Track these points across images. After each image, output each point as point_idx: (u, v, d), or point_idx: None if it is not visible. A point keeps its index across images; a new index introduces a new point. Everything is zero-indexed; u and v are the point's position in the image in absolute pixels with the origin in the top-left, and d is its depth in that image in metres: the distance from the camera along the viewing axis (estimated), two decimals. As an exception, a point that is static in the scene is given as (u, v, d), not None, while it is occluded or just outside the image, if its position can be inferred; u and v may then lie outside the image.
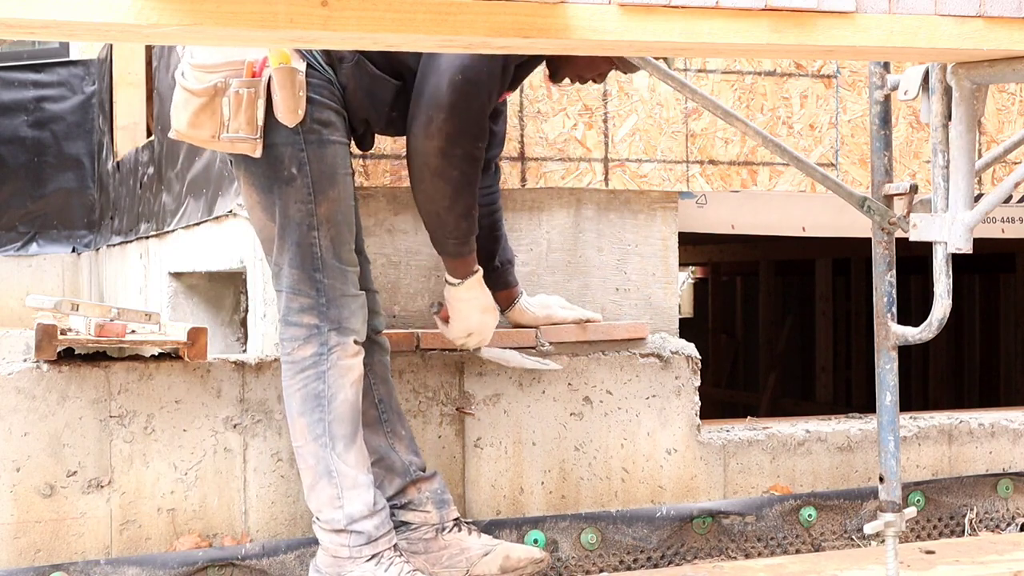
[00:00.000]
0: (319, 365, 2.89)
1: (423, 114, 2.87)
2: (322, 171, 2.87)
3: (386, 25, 1.83)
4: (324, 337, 2.89)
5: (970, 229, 2.50)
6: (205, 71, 2.83)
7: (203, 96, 2.83)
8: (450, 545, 3.12)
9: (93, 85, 7.78)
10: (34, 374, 3.07)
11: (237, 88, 2.80)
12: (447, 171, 2.90)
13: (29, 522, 3.07)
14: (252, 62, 2.80)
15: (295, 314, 2.90)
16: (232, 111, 2.81)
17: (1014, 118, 4.08)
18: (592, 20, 1.94)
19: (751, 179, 3.81)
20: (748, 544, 3.58)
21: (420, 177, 2.93)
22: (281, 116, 2.81)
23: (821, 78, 3.87)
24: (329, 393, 2.89)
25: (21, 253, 7.84)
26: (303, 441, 2.92)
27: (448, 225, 2.99)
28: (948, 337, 8.54)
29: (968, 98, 2.46)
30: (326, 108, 2.88)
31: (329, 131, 2.89)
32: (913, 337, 2.69)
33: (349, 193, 2.94)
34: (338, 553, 2.92)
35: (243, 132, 2.82)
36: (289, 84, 2.79)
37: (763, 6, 2.02)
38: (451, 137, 2.87)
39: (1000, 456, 3.97)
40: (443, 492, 3.15)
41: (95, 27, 1.77)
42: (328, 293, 2.89)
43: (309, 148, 2.85)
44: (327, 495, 2.91)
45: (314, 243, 2.88)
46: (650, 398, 3.59)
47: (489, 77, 2.89)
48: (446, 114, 2.85)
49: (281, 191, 2.86)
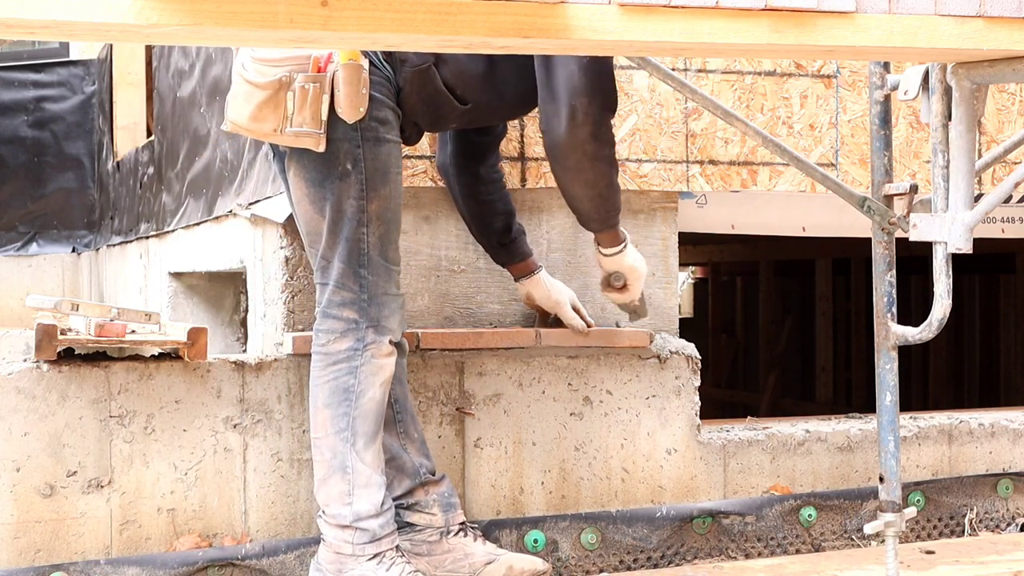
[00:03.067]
0: (353, 360, 2.90)
1: (565, 107, 2.91)
2: (376, 168, 2.89)
3: (386, 25, 1.84)
4: (362, 333, 2.90)
5: (970, 229, 2.50)
6: (269, 65, 2.84)
7: (268, 89, 2.83)
8: (454, 549, 3.12)
9: (93, 85, 7.78)
10: (34, 374, 3.07)
11: (303, 83, 2.81)
12: (602, 150, 2.98)
13: (29, 522, 3.07)
14: (318, 57, 2.82)
15: (336, 307, 2.91)
16: (297, 105, 2.82)
17: (1014, 118, 4.08)
18: (592, 20, 1.94)
19: (751, 179, 3.81)
20: (748, 544, 3.58)
21: (580, 167, 2.98)
22: (343, 112, 2.82)
23: (821, 78, 3.87)
24: (359, 389, 2.90)
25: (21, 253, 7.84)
26: (323, 433, 2.92)
27: (610, 201, 3.09)
28: (948, 337, 8.54)
29: (968, 98, 2.46)
30: (384, 106, 2.90)
31: (385, 129, 2.91)
32: (913, 337, 2.69)
33: (399, 192, 2.97)
34: (341, 549, 2.92)
35: (307, 126, 2.83)
36: (355, 81, 2.81)
37: (763, 6, 2.02)
38: (597, 119, 2.93)
39: (1000, 456, 3.97)
40: (450, 496, 3.15)
41: (95, 27, 1.77)
42: (371, 290, 2.90)
43: (365, 145, 2.88)
44: (338, 491, 2.91)
45: (362, 239, 2.90)
46: (650, 398, 3.59)
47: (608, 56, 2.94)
48: (587, 97, 2.90)
49: (334, 186, 2.88)
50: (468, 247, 3.53)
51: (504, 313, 3.57)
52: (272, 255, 3.43)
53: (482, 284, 3.55)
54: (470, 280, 3.52)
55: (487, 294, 3.56)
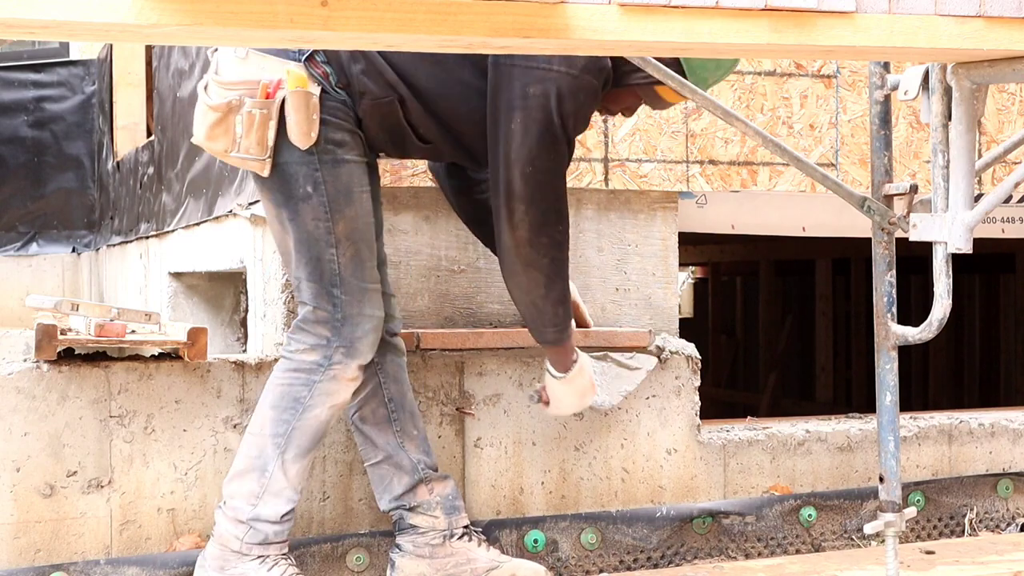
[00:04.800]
0: (313, 374, 2.89)
1: (504, 207, 2.86)
2: (338, 190, 2.87)
3: (386, 25, 1.83)
4: (331, 352, 2.88)
5: (970, 229, 2.50)
6: (224, 87, 2.84)
7: (218, 111, 2.84)
8: (456, 553, 3.10)
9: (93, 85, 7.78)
10: (34, 374, 3.07)
11: (250, 108, 2.81)
12: (537, 260, 2.89)
13: (29, 522, 3.07)
14: (267, 83, 2.81)
15: (310, 324, 2.91)
16: (244, 130, 2.82)
17: (1014, 118, 4.08)
18: (592, 20, 1.94)
19: (751, 179, 3.81)
20: (748, 544, 3.58)
21: (513, 270, 2.92)
22: (295, 139, 2.81)
23: (821, 78, 3.87)
24: (308, 403, 2.88)
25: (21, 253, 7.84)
26: (258, 431, 2.91)
27: (547, 314, 2.97)
28: (948, 337, 8.54)
29: (968, 98, 2.46)
30: (340, 129, 2.88)
31: (344, 151, 2.88)
32: (913, 337, 2.69)
33: (367, 211, 2.94)
34: (228, 544, 2.89)
35: (253, 152, 2.83)
36: (303, 108, 2.80)
37: (763, 6, 2.02)
38: (535, 227, 2.86)
39: (1000, 456, 3.97)
40: (455, 498, 3.14)
41: (95, 27, 1.77)
42: (345, 310, 2.89)
43: (324, 168, 2.86)
44: (248, 489, 2.89)
45: (333, 260, 2.88)
46: (650, 398, 3.59)
47: (560, 159, 2.89)
48: (525, 205, 2.84)
49: (297, 207, 2.87)
50: (468, 247, 3.54)
51: (504, 313, 3.57)
52: (272, 255, 3.43)
53: (482, 284, 3.55)
54: (470, 280, 3.52)
55: (487, 294, 3.56)
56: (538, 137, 2.81)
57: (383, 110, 2.90)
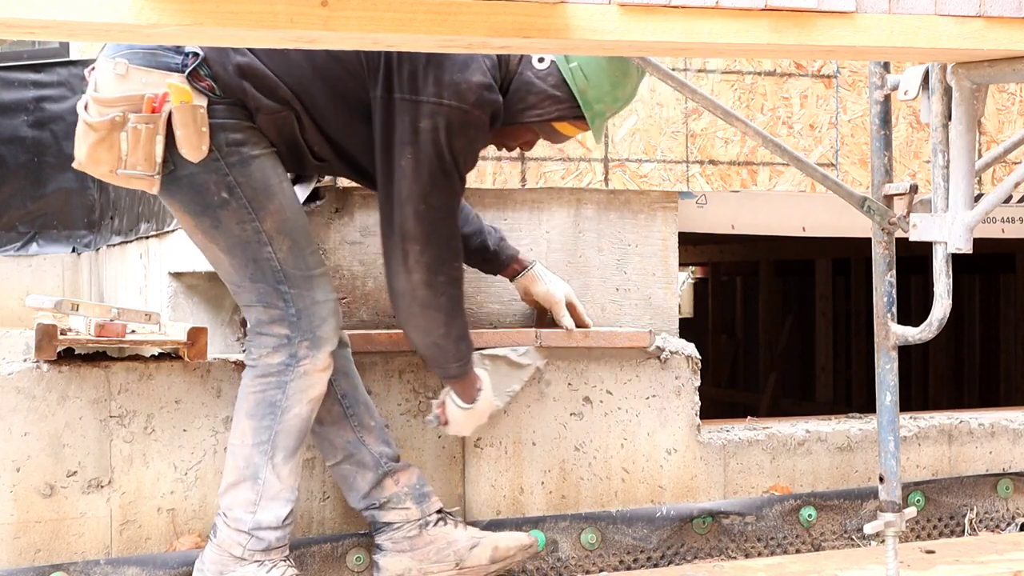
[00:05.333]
0: (283, 375, 2.86)
1: (397, 250, 2.82)
2: (255, 188, 2.81)
3: (386, 25, 1.83)
4: (294, 348, 2.86)
5: (970, 229, 2.50)
6: (105, 105, 2.76)
7: (101, 131, 2.76)
8: (436, 539, 3.10)
9: (93, 85, 7.76)
10: (34, 374, 3.07)
11: (135, 123, 2.73)
12: (435, 300, 2.86)
13: (29, 522, 3.07)
14: (152, 97, 2.73)
15: (265, 325, 2.88)
16: (130, 146, 2.75)
17: (1014, 118, 4.08)
18: (592, 20, 1.94)
19: (751, 179, 3.81)
20: (748, 544, 3.58)
21: (411, 312, 2.88)
22: (186, 153, 2.75)
23: (821, 78, 3.87)
24: (285, 404, 2.86)
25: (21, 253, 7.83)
26: (240, 442, 2.89)
27: (449, 352, 2.96)
28: (948, 337, 8.54)
29: (968, 98, 2.46)
30: (238, 129, 2.81)
31: (248, 147, 2.82)
32: (913, 337, 2.69)
33: (291, 198, 2.88)
34: (231, 550, 2.89)
35: (140, 168, 2.76)
36: (191, 122, 2.73)
37: (763, 6, 2.02)
38: (432, 266, 2.83)
39: (1000, 456, 3.97)
40: (422, 485, 3.13)
41: (95, 27, 1.77)
42: (296, 304, 2.85)
43: (233, 170, 2.79)
44: (244, 498, 2.88)
45: (271, 257, 2.84)
46: (650, 398, 3.59)
47: (453, 195, 2.84)
48: (421, 246, 2.81)
49: (217, 215, 2.81)
50: (468, 247, 3.53)
51: (504, 313, 3.57)
52: (272, 255, 3.43)
53: (482, 284, 3.55)
54: (470, 280, 3.52)
55: (487, 294, 3.55)
56: (430, 174, 2.77)
57: (279, 123, 2.84)
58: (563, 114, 2.89)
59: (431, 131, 2.75)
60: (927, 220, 2.57)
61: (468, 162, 2.87)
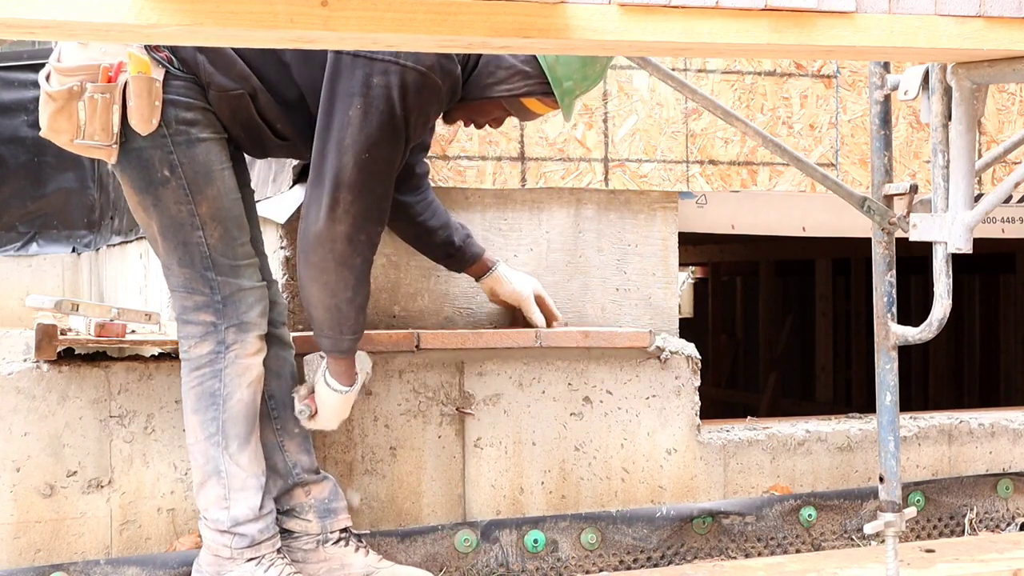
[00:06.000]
0: (215, 363, 2.85)
1: (327, 196, 2.72)
2: (196, 171, 2.80)
3: (386, 25, 1.83)
4: (221, 335, 2.85)
5: (970, 229, 2.50)
6: (64, 74, 2.75)
7: (59, 100, 2.75)
8: (330, 559, 3.04)
9: (93, 85, 7.75)
10: (34, 374, 3.07)
11: (92, 93, 2.72)
12: (352, 259, 2.77)
13: (29, 522, 3.07)
14: (108, 67, 2.72)
15: (191, 312, 2.86)
16: (88, 116, 2.73)
17: (1014, 118, 4.09)
18: (592, 20, 1.94)
19: (751, 179, 3.81)
20: (748, 544, 3.58)
21: (323, 267, 2.76)
22: (135, 124, 2.74)
23: (821, 78, 3.87)
24: (225, 392, 2.85)
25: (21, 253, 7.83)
26: (194, 439, 2.89)
27: (348, 319, 2.84)
28: (948, 337, 8.54)
29: (968, 98, 2.46)
30: (190, 108, 2.79)
31: (198, 129, 2.80)
32: (913, 337, 2.69)
33: (230, 187, 2.86)
34: (220, 552, 2.89)
35: (97, 138, 2.75)
36: (145, 93, 2.72)
37: (763, 6, 2.02)
38: (358, 221, 2.74)
39: (1000, 456, 3.97)
40: (331, 501, 3.06)
41: (95, 27, 1.77)
42: (222, 290, 2.84)
43: (178, 149, 2.78)
44: (214, 495, 2.88)
45: (200, 243, 2.82)
46: (650, 398, 3.59)
47: (396, 153, 2.78)
48: (354, 195, 2.72)
49: (157, 192, 2.80)
50: (468, 247, 3.53)
51: (504, 313, 3.57)
52: (272, 255, 3.43)
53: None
54: (470, 280, 3.52)
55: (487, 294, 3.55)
56: (379, 125, 2.71)
57: (232, 104, 2.82)
58: (532, 89, 2.84)
59: (384, 87, 2.70)
60: (927, 220, 2.57)
61: (418, 126, 2.80)
